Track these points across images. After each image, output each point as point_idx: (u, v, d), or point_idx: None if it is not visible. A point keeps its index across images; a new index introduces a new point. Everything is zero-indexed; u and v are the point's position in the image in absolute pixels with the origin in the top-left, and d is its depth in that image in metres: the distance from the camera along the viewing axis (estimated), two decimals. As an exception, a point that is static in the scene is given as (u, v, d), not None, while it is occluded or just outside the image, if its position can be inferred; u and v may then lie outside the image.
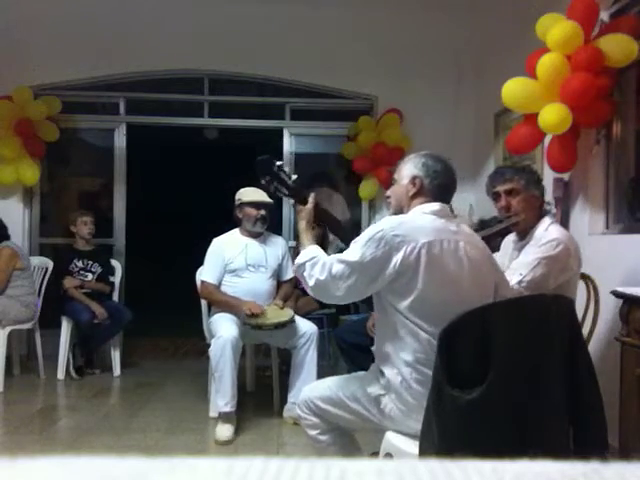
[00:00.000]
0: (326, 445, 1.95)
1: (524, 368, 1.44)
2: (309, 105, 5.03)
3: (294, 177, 2.08)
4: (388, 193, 1.98)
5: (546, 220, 2.38)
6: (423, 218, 1.77)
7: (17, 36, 4.59)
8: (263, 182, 2.10)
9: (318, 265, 1.75)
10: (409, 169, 1.88)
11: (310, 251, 1.83)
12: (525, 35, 3.14)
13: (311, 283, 1.76)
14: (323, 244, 3.20)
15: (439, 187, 1.84)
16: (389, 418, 1.76)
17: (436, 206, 1.81)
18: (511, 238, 2.50)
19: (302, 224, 1.99)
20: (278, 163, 2.10)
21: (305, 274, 1.78)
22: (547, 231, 2.32)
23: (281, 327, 3.17)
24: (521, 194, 2.36)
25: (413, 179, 1.85)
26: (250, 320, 3.16)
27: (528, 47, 2.99)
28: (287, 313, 3.27)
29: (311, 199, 2.02)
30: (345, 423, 1.92)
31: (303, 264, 1.79)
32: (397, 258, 1.66)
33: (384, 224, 1.73)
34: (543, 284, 2.15)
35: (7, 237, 4.13)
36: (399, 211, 1.89)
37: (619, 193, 2.91)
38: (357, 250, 1.71)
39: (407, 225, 1.73)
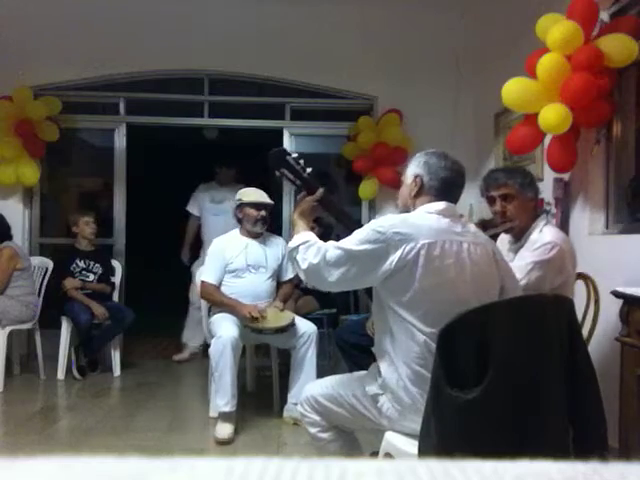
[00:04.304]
0: (326, 443, 1.96)
1: (523, 368, 1.44)
2: (309, 105, 5.04)
3: (309, 170, 2.05)
4: (398, 195, 1.98)
5: (540, 222, 2.37)
6: (427, 218, 1.76)
7: (17, 36, 4.59)
8: (276, 174, 2.06)
9: (313, 248, 1.75)
10: (412, 168, 1.88)
11: (303, 235, 1.83)
12: (525, 35, 3.14)
13: (304, 266, 1.75)
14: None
15: (442, 184, 1.81)
16: (386, 417, 1.77)
17: (441, 205, 1.78)
18: (506, 238, 2.49)
19: (296, 213, 1.97)
20: (293, 155, 2.08)
21: (298, 257, 1.77)
22: (542, 233, 2.31)
23: (281, 332, 3.17)
24: (516, 199, 2.36)
25: (415, 178, 1.85)
26: (250, 324, 3.16)
27: (528, 47, 2.98)
28: (287, 316, 3.26)
29: (318, 193, 1.99)
30: (345, 422, 1.93)
31: (296, 247, 1.79)
32: (394, 256, 1.66)
33: (387, 220, 1.73)
34: (539, 287, 2.15)
35: (10, 237, 4.14)
36: (406, 212, 1.88)
37: (619, 193, 2.91)
38: (356, 240, 1.70)
39: (409, 224, 1.72)
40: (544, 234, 2.30)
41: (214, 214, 4.79)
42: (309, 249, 1.75)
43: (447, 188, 1.83)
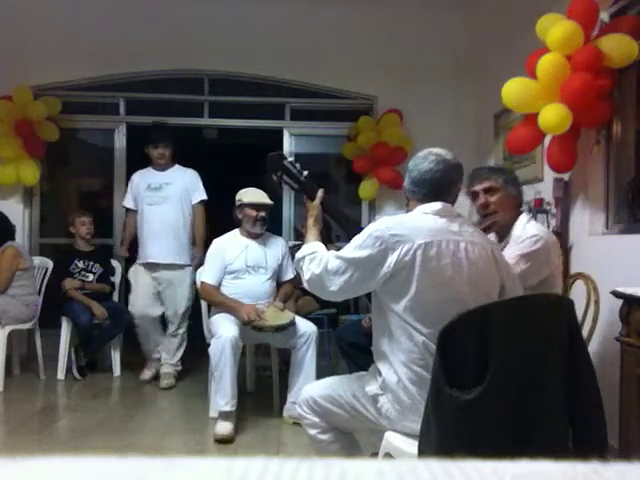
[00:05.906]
0: (326, 444, 1.96)
1: (523, 368, 1.43)
2: (309, 105, 5.04)
3: (305, 173, 2.09)
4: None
5: (523, 218, 2.36)
6: (423, 218, 1.76)
7: (17, 36, 4.60)
8: (274, 178, 2.10)
9: (316, 259, 1.78)
10: None
11: (312, 246, 1.87)
12: (525, 35, 3.14)
13: (307, 276, 1.79)
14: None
15: (426, 186, 1.80)
16: (386, 418, 1.77)
17: (437, 205, 1.78)
18: (490, 238, 2.48)
19: (311, 220, 2.02)
20: (290, 159, 2.13)
21: (303, 267, 1.82)
22: (525, 229, 2.31)
23: (281, 330, 3.17)
24: (499, 192, 2.36)
25: (404, 184, 1.90)
26: (250, 322, 3.16)
27: (528, 47, 2.98)
28: (287, 316, 3.26)
29: (319, 194, 2.06)
30: (344, 423, 1.92)
31: (303, 257, 1.83)
32: (392, 258, 1.67)
33: (383, 223, 1.74)
34: (526, 280, 2.10)
35: (13, 237, 4.15)
36: None
37: (619, 193, 2.91)
38: (354, 247, 1.72)
39: (405, 225, 1.72)
40: (528, 229, 2.30)
41: (149, 203, 4.12)
42: (313, 260, 1.79)
43: (434, 189, 1.81)
